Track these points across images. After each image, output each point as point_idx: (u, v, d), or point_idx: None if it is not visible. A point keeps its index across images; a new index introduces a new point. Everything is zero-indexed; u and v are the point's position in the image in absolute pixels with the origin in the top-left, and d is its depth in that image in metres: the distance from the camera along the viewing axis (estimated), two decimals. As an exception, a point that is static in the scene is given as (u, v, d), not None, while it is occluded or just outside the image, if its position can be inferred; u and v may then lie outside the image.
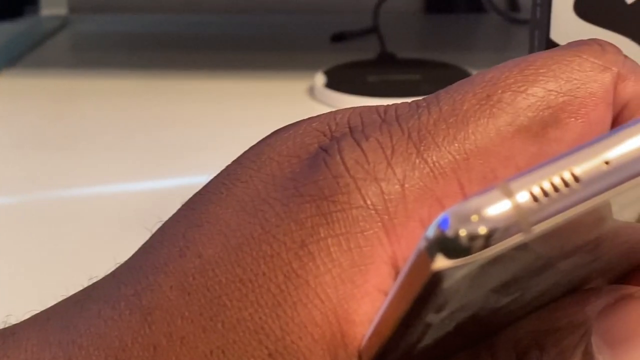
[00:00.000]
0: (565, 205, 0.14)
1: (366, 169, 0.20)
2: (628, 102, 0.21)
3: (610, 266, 0.23)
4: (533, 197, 0.14)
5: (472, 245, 0.14)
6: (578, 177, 0.14)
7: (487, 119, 0.20)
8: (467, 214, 0.14)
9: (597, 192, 0.14)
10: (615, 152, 0.14)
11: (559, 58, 0.21)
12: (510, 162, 0.20)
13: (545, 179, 0.14)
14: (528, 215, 0.13)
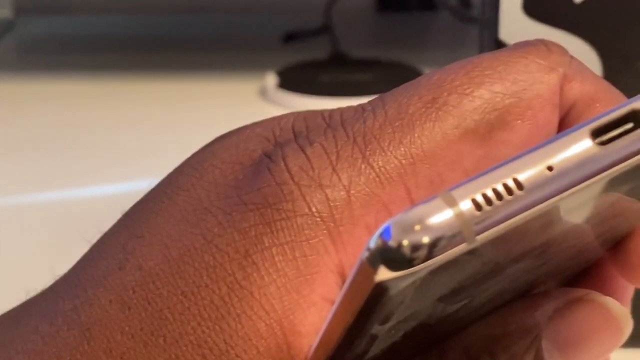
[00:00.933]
0: (508, 214, 0.13)
1: (311, 176, 0.20)
2: (574, 102, 0.21)
3: (561, 269, 0.23)
4: (476, 205, 0.13)
5: (415, 256, 0.13)
6: (521, 184, 0.13)
7: (433, 122, 0.20)
8: (410, 223, 0.13)
9: (540, 199, 0.13)
10: (558, 158, 0.13)
11: (505, 59, 0.21)
12: (458, 166, 0.20)
13: (488, 187, 0.13)
14: (471, 225, 0.13)
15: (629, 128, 0.14)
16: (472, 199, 0.13)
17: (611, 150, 0.13)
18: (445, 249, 0.13)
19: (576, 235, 0.19)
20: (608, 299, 0.21)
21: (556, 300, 0.21)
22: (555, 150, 0.13)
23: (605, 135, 0.14)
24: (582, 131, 0.14)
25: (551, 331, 0.20)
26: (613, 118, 0.14)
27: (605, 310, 0.21)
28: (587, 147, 0.13)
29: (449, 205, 0.13)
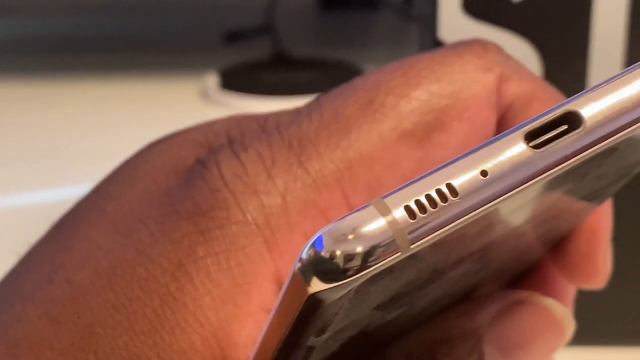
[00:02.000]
0: (444, 221, 0.13)
1: (246, 182, 0.19)
2: (512, 102, 0.21)
3: (503, 271, 0.23)
4: (410, 213, 0.13)
5: (349, 267, 0.13)
6: (455, 190, 0.13)
7: (370, 125, 0.20)
8: (343, 233, 0.13)
9: (475, 206, 0.13)
10: (492, 163, 0.13)
11: (442, 59, 0.21)
12: (396, 170, 0.20)
13: (422, 194, 0.13)
14: (405, 234, 0.13)
15: (563, 131, 0.13)
16: (405, 207, 0.13)
17: (545, 154, 0.13)
18: (380, 259, 0.13)
19: (517, 237, 0.19)
20: (549, 300, 0.21)
21: (498, 303, 0.21)
22: (489, 155, 0.13)
23: (540, 138, 0.13)
24: (516, 135, 0.13)
25: (493, 335, 0.20)
26: (547, 121, 0.13)
27: (547, 312, 0.21)
28: (521, 151, 0.13)
29: (383, 214, 0.13)
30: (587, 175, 0.15)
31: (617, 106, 0.13)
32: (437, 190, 0.13)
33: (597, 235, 0.21)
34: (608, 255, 0.22)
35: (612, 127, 0.13)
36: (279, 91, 0.65)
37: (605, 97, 0.13)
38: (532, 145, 0.13)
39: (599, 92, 0.13)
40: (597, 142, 0.13)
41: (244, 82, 0.67)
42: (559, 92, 0.22)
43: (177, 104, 0.65)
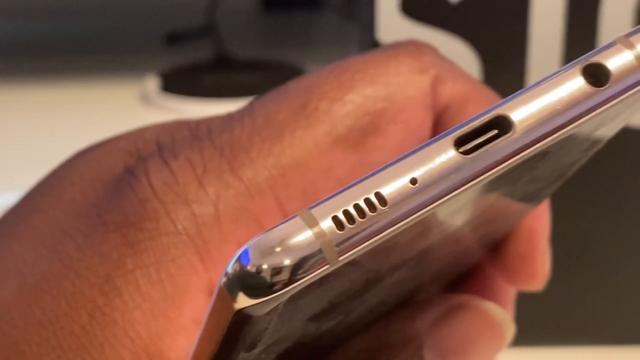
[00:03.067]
0: (372, 232, 0.12)
1: (176, 191, 0.19)
2: (448, 104, 0.21)
3: (442, 274, 0.22)
4: (338, 224, 0.12)
5: (276, 281, 0.12)
6: (384, 199, 0.12)
7: (303, 129, 0.19)
8: (269, 246, 0.12)
9: (404, 215, 0.13)
10: (422, 170, 0.13)
11: (376, 62, 0.20)
12: (331, 175, 0.19)
13: (350, 203, 0.12)
14: (333, 245, 0.12)
15: (494, 135, 0.13)
16: (333, 217, 0.12)
17: (475, 160, 0.13)
18: (308, 272, 0.12)
19: (455, 240, 0.19)
20: (489, 304, 0.21)
21: (437, 307, 0.20)
22: (418, 161, 0.13)
23: (470, 143, 0.13)
24: (445, 140, 0.13)
25: (433, 340, 0.20)
26: (477, 125, 0.13)
27: (486, 315, 0.21)
28: (450, 157, 0.13)
29: (309, 226, 0.12)
30: (520, 178, 0.15)
31: (547, 109, 0.13)
32: (366, 199, 0.12)
33: (535, 236, 0.21)
34: (546, 256, 0.22)
35: (542, 131, 0.13)
36: (221, 93, 0.65)
37: (535, 99, 0.13)
38: (462, 150, 0.13)
39: (528, 94, 0.13)
40: (527, 147, 0.13)
41: (185, 85, 0.66)
42: (497, 93, 0.22)
43: (116, 107, 0.64)
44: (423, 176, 0.13)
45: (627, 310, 0.33)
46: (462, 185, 0.13)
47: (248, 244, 0.12)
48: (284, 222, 0.12)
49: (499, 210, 0.18)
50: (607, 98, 0.13)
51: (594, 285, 0.33)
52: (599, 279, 0.32)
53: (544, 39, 0.30)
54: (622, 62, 0.13)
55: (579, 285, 0.33)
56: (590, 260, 0.32)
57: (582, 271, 0.32)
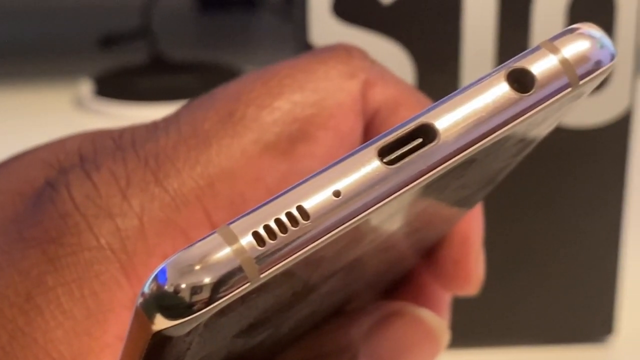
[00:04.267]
0: (295, 247, 0.12)
1: (98, 204, 0.18)
2: (378, 108, 0.20)
3: (377, 281, 0.22)
4: (258, 240, 0.12)
5: (195, 300, 0.12)
6: (307, 212, 0.12)
7: (231, 138, 0.19)
8: (187, 264, 0.12)
9: (327, 229, 0.12)
10: (345, 182, 0.12)
11: (304, 67, 0.20)
12: (260, 184, 0.19)
13: (271, 218, 0.12)
14: (254, 262, 0.12)
15: (418, 144, 0.13)
16: (253, 233, 0.12)
17: (399, 170, 0.12)
18: (228, 290, 0.12)
19: (387, 248, 0.18)
20: (423, 311, 0.21)
21: (371, 316, 0.20)
22: (341, 173, 0.12)
23: (394, 153, 0.13)
24: (369, 150, 0.13)
25: (367, 349, 0.20)
26: (401, 134, 0.13)
27: (421, 322, 0.20)
28: (374, 167, 0.12)
29: (228, 243, 0.12)
30: (448, 185, 0.15)
31: (472, 116, 0.13)
32: (287, 213, 0.12)
33: (468, 241, 0.21)
34: (480, 261, 0.22)
35: (467, 138, 0.13)
36: (158, 96, 0.64)
37: (460, 107, 0.13)
38: (386, 160, 0.13)
39: (453, 101, 0.13)
40: (451, 155, 0.13)
41: (120, 88, 0.65)
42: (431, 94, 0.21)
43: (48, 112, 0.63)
44: (346, 188, 0.12)
45: (561, 310, 0.33)
46: (386, 196, 0.12)
47: (165, 262, 0.12)
48: (202, 239, 0.12)
49: (430, 215, 0.18)
50: (533, 104, 0.13)
51: (529, 287, 0.33)
52: (533, 281, 0.33)
53: (476, 39, 0.30)
54: (547, 66, 0.13)
55: (513, 287, 0.33)
56: (524, 262, 0.32)
57: (516, 273, 0.32)
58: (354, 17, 0.30)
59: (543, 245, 0.32)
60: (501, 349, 0.33)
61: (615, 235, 0.32)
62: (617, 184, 0.32)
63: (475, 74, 0.30)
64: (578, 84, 0.13)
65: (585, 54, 0.13)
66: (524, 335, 0.33)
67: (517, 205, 0.32)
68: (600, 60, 0.13)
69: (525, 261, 0.32)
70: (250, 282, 0.12)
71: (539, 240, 0.32)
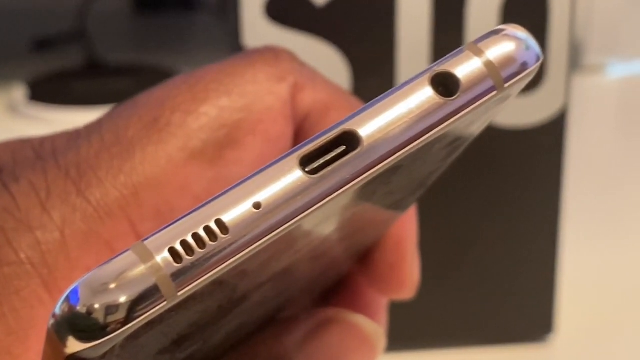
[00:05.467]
0: (213, 263, 0.11)
1: (17, 217, 0.17)
2: (309, 112, 0.20)
3: (311, 287, 0.22)
4: (175, 256, 0.11)
5: (109, 321, 0.11)
6: (226, 226, 0.12)
7: (155, 145, 0.18)
8: (101, 283, 0.11)
9: (249, 242, 0.12)
10: (266, 193, 0.12)
11: (231, 70, 0.19)
12: (186, 192, 0.18)
13: (189, 233, 0.11)
14: (170, 280, 0.11)
15: (341, 152, 0.12)
16: (170, 250, 0.11)
17: (322, 180, 0.12)
18: (144, 310, 0.11)
19: (320, 254, 0.18)
20: (358, 317, 0.20)
21: (305, 324, 0.20)
22: (261, 184, 0.12)
23: (316, 162, 0.12)
24: (290, 160, 0.12)
25: (302, 357, 0.19)
26: (323, 142, 0.12)
27: (356, 329, 0.20)
28: (296, 177, 0.12)
29: (143, 260, 0.11)
30: (375, 192, 0.15)
31: (396, 122, 0.12)
32: (205, 227, 0.12)
33: (402, 244, 0.21)
34: (415, 264, 0.21)
35: (391, 145, 0.12)
36: (94, 101, 0.62)
37: (384, 113, 0.12)
38: (308, 170, 0.12)
39: (377, 107, 0.13)
40: (375, 163, 0.12)
41: (55, 93, 0.64)
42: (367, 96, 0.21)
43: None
44: (267, 200, 0.12)
45: (501, 310, 0.33)
46: (309, 207, 0.12)
47: (78, 281, 0.11)
48: (116, 256, 0.11)
49: (362, 220, 0.18)
50: (458, 108, 0.13)
51: (467, 288, 0.33)
52: (472, 282, 0.33)
53: (411, 41, 0.30)
54: (471, 69, 0.13)
55: (452, 288, 0.33)
56: (463, 263, 0.32)
57: (454, 274, 0.32)
58: (287, 19, 0.30)
59: (481, 246, 0.32)
60: (441, 350, 0.33)
61: (552, 234, 0.32)
62: (553, 183, 0.32)
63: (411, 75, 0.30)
64: (503, 86, 0.13)
65: (510, 56, 0.13)
66: (463, 336, 0.33)
67: (453, 206, 0.32)
68: (526, 62, 0.13)
69: (464, 262, 0.32)
70: (167, 301, 0.11)
71: (477, 241, 0.32)
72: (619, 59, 0.71)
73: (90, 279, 0.11)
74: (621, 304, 0.37)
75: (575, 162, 0.41)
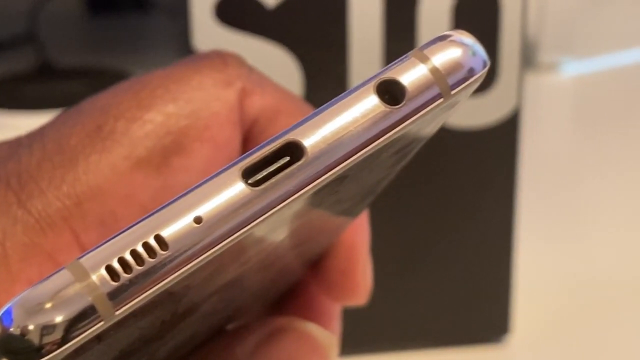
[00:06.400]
0: (152, 280, 0.11)
1: (-45, 230, 0.17)
2: (257, 117, 0.20)
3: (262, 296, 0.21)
4: (112, 274, 0.11)
5: (44, 343, 0.11)
6: (165, 242, 0.11)
7: (99, 154, 0.18)
8: (35, 303, 0.11)
9: (189, 258, 0.11)
10: (207, 207, 0.11)
11: (178, 76, 0.19)
12: (132, 201, 0.18)
13: (126, 250, 0.11)
14: (107, 299, 0.11)
15: (285, 163, 0.12)
16: (106, 267, 0.11)
17: (265, 192, 0.12)
18: (81, 330, 0.11)
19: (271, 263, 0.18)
20: (310, 325, 0.20)
21: (257, 333, 0.19)
22: (203, 197, 0.12)
23: (259, 173, 0.12)
24: (232, 171, 0.12)
25: None
26: (267, 153, 0.12)
27: (308, 337, 0.20)
28: (238, 190, 0.12)
29: (79, 279, 0.11)
30: (322, 201, 0.14)
31: (341, 132, 0.12)
32: (144, 243, 0.11)
33: (354, 250, 0.21)
34: (368, 270, 0.21)
35: (335, 155, 0.12)
36: (46, 104, 0.61)
37: (328, 122, 0.12)
38: (251, 182, 0.12)
39: (321, 117, 0.12)
40: (320, 174, 0.12)
41: (6, 97, 0.63)
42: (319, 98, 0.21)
43: None
44: (208, 214, 0.11)
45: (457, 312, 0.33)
46: (251, 220, 0.12)
47: (11, 302, 0.11)
48: (51, 275, 0.11)
49: (312, 228, 0.17)
50: (403, 117, 0.12)
51: (423, 290, 0.32)
52: (427, 284, 0.32)
53: (363, 42, 0.30)
54: (417, 77, 0.13)
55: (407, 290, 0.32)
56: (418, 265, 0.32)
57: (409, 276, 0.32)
58: (237, 22, 0.29)
59: (436, 248, 0.32)
60: (397, 353, 0.33)
61: (507, 235, 0.32)
62: (507, 184, 0.32)
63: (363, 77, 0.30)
64: (450, 93, 0.13)
65: (456, 62, 0.13)
66: (420, 338, 0.33)
67: (407, 209, 0.31)
68: (473, 68, 0.13)
69: (419, 264, 0.32)
70: (104, 321, 0.11)
71: (431, 243, 0.32)
72: (573, 57, 0.72)
73: (24, 298, 0.11)
74: (576, 303, 0.37)
75: (529, 161, 0.41)
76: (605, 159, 0.54)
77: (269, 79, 0.20)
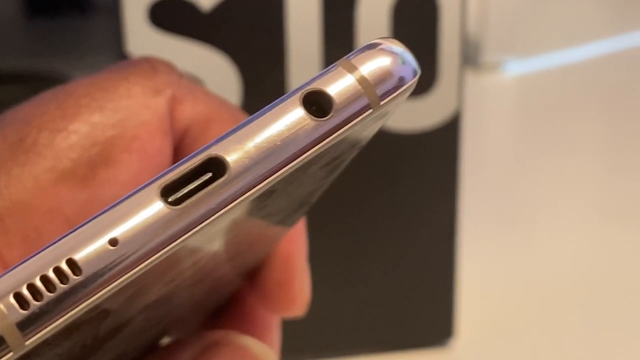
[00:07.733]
0: (65, 307, 0.10)
1: None
2: (189, 126, 0.19)
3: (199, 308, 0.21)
4: (22, 301, 0.10)
5: None
6: (78, 266, 0.11)
7: (21, 167, 0.17)
8: None
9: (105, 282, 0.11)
10: (123, 228, 0.11)
11: (104, 84, 0.18)
12: (57, 216, 0.17)
13: (36, 276, 0.10)
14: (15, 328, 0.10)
15: (207, 180, 0.11)
16: (15, 295, 0.10)
17: (185, 211, 0.11)
18: None
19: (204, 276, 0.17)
20: (246, 339, 0.19)
21: (192, 347, 0.19)
22: (119, 217, 0.11)
23: (180, 191, 0.11)
24: (150, 189, 0.11)
25: None
26: (187, 170, 0.11)
27: (244, 351, 0.19)
28: (157, 209, 0.11)
29: None
30: (251, 215, 0.14)
31: (265, 146, 0.12)
32: (55, 268, 0.11)
33: (290, 261, 0.20)
34: (305, 280, 0.21)
35: (260, 171, 0.11)
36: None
37: (253, 136, 0.12)
38: (171, 200, 0.11)
39: (245, 131, 0.12)
40: (243, 191, 0.11)
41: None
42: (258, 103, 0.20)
43: None
44: (124, 235, 0.11)
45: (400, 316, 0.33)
46: (171, 242, 0.11)
47: None
48: None
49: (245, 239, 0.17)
50: (331, 129, 0.12)
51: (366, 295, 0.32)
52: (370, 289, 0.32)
53: (301, 46, 0.29)
54: (344, 87, 0.12)
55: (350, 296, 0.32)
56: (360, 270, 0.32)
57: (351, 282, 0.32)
58: (172, 25, 0.29)
59: (378, 252, 0.32)
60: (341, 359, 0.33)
61: (449, 238, 0.32)
62: (449, 188, 0.31)
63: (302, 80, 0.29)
64: (379, 104, 0.12)
65: (386, 72, 0.12)
66: (364, 343, 0.33)
67: (347, 214, 0.31)
68: (403, 77, 0.12)
69: (361, 269, 0.32)
70: (13, 352, 0.10)
71: (373, 248, 0.32)
72: (516, 56, 0.72)
73: None
74: (520, 305, 0.37)
75: (471, 162, 0.41)
76: (547, 158, 0.54)
77: (200, 86, 0.20)
